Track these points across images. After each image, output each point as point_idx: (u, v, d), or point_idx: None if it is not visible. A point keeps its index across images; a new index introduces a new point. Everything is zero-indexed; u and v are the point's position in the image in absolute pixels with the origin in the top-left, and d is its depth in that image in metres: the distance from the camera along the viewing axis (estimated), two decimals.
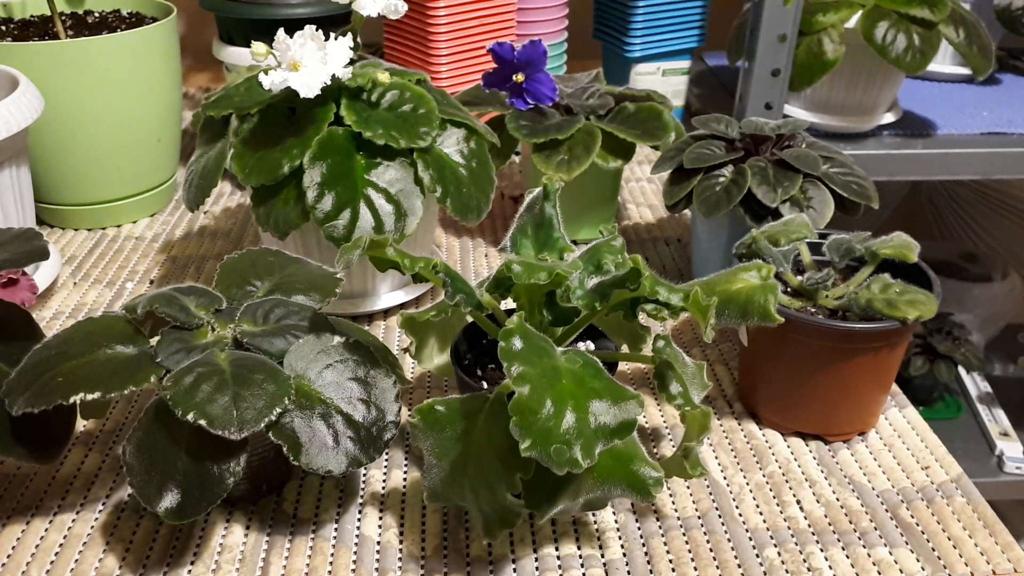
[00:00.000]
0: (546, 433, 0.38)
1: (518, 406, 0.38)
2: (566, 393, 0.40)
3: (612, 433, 0.39)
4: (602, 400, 0.40)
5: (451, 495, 0.44)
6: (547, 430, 0.38)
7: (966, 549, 0.48)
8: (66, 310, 0.69)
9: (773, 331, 0.47)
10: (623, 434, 0.39)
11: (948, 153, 0.96)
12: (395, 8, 0.62)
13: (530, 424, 0.38)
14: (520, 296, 0.47)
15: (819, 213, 0.62)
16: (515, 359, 0.40)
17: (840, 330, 0.50)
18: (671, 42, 1.01)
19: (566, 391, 0.40)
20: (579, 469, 0.38)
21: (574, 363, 0.42)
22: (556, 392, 0.40)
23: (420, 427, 0.44)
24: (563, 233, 0.51)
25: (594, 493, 0.43)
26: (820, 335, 0.51)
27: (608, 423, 0.39)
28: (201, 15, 1.30)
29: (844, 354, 0.52)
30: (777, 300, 0.49)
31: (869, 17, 0.85)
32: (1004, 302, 1.38)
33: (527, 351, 0.41)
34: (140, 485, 0.42)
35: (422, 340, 0.55)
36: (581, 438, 0.38)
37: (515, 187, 0.91)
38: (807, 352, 0.52)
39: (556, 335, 0.49)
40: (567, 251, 0.51)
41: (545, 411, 0.38)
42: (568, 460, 0.38)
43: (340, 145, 0.58)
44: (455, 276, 0.44)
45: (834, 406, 0.54)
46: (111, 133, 0.77)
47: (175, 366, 0.44)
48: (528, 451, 0.37)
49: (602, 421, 0.39)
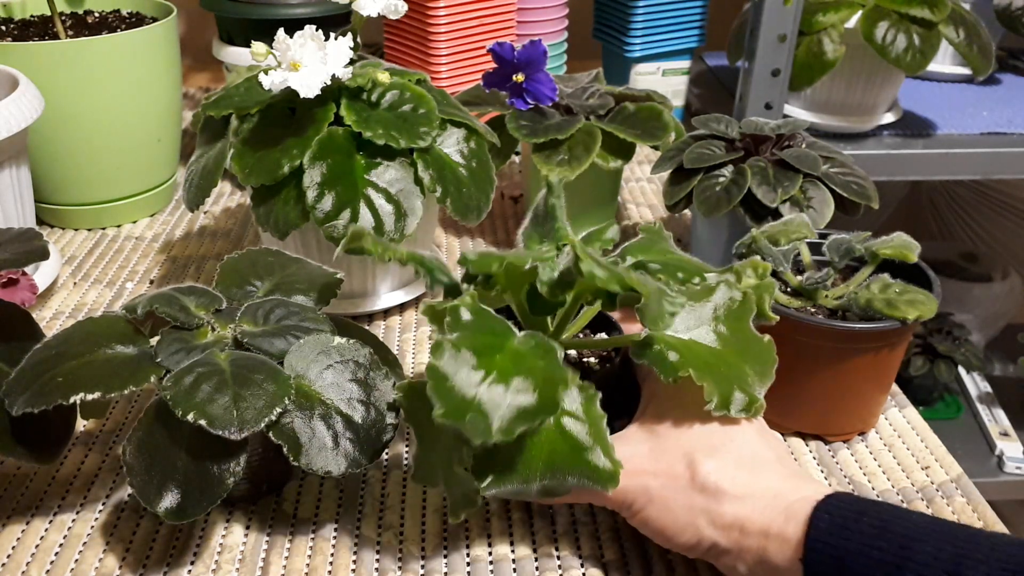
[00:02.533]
0: (463, 403, 0.38)
1: (431, 371, 0.38)
2: (495, 366, 0.39)
3: (534, 412, 0.39)
4: (528, 379, 0.39)
5: (428, 475, 0.45)
6: (463, 400, 0.38)
7: None
8: (66, 310, 0.69)
9: (772, 331, 0.47)
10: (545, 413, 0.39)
11: (948, 153, 0.96)
12: (395, 8, 0.62)
13: (445, 391, 0.38)
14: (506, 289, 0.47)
15: (819, 213, 0.62)
16: (456, 330, 0.40)
17: (840, 330, 0.50)
18: (671, 42, 1.01)
19: (496, 365, 0.39)
20: (491, 440, 0.37)
21: (526, 344, 0.42)
22: (484, 364, 0.39)
23: (404, 405, 0.45)
24: (564, 224, 0.51)
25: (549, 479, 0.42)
26: (820, 335, 0.51)
27: (529, 403, 0.39)
28: (201, 15, 1.29)
29: (844, 354, 0.52)
30: (774, 298, 0.49)
31: (869, 17, 0.85)
32: (1004, 302, 1.38)
33: (472, 326, 0.40)
34: (140, 485, 0.42)
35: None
36: (500, 411, 0.38)
37: (515, 187, 0.91)
38: (807, 352, 0.52)
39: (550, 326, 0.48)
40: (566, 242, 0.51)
41: (463, 379, 0.38)
42: (483, 431, 0.37)
43: (340, 145, 0.58)
44: (431, 267, 0.44)
45: (834, 406, 0.54)
46: (111, 133, 0.77)
47: (175, 366, 0.44)
48: (441, 418, 0.37)
49: (522, 400, 0.39)
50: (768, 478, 0.42)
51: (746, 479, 0.42)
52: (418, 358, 0.64)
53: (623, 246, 0.50)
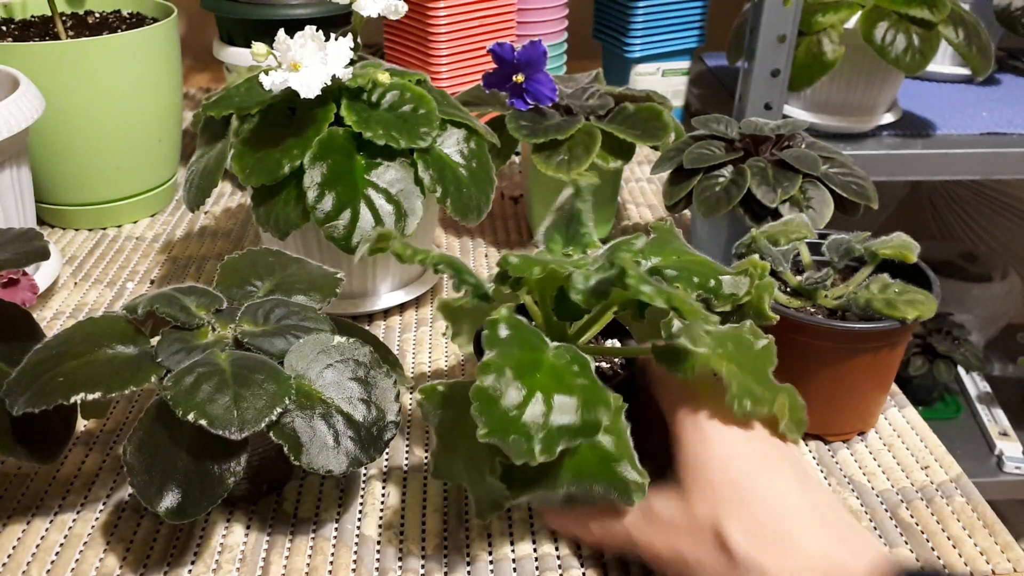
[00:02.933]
0: (507, 422, 0.38)
1: (477, 393, 0.39)
2: (537, 386, 0.40)
3: (576, 432, 0.39)
4: (572, 397, 0.40)
5: (450, 473, 0.46)
6: (508, 419, 0.38)
7: (965, 549, 0.48)
8: (67, 310, 0.69)
9: (772, 331, 0.47)
10: (588, 434, 0.39)
11: (948, 153, 0.96)
12: (395, 8, 0.62)
13: (490, 411, 0.38)
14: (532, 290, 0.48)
15: (819, 213, 0.62)
16: (495, 346, 0.40)
17: (840, 330, 0.50)
18: (671, 42, 1.01)
19: (538, 384, 0.40)
20: (535, 461, 0.38)
21: (561, 359, 0.42)
22: (527, 383, 0.40)
23: (425, 406, 0.46)
24: (591, 229, 0.51)
25: (575, 488, 0.43)
26: (819, 335, 0.51)
27: (573, 422, 0.39)
28: (201, 15, 1.30)
29: (844, 354, 0.52)
30: (772, 298, 0.49)
31: (869, 17, 0.86)
32: (1004, 302, 1.38)
33: (511, 341, 0.41)
34: (141, 485, 0.42)
35: (458, 325, 0.56)
36: (543, 431, 0.38)
37: (515, 187, 0.91)
38: (806, 352, 0.52)
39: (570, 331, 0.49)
40: (592, 247, 0.52)
41: (508, 400, 0.39)
42: (526, 451, 0.38)
43: (340, 145, 0.59)
44: (459, 268, 0.44)
45: (834, 406, 0.54)
46: (112, 133, 0.77)
47: (176, 366, 0.44)
48: (485, 437, 0.38)
49: (566, 419, 0.39)
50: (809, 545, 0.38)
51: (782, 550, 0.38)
52: (418, 358, 0.64)
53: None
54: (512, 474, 0.42)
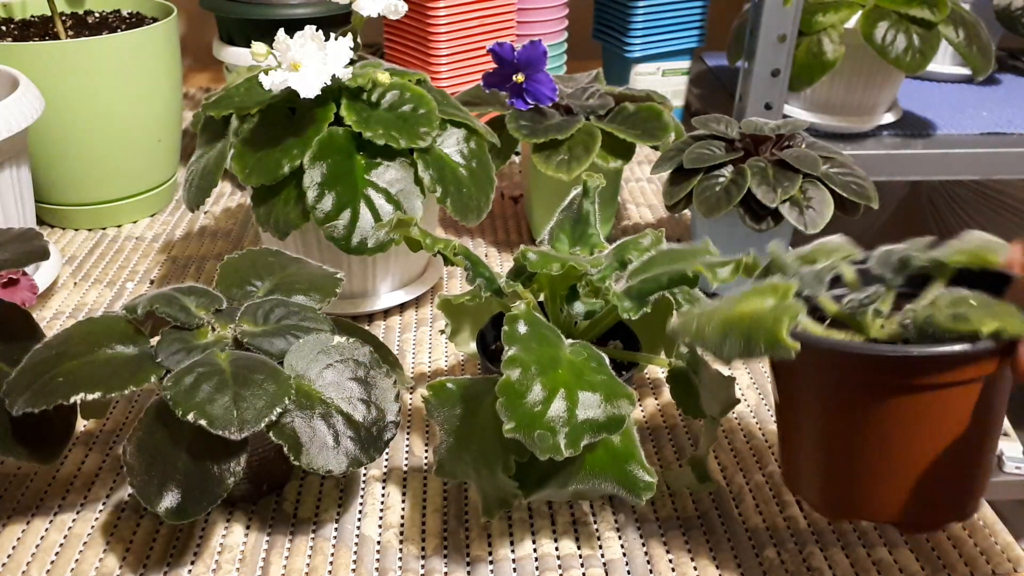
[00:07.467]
0: (532, 418, 0.39)
1: (504, 388, 0.39)
2: (560, 382, 0.40)
3: (600, 427, 0.40)
4: (595, 393, 0.40)
5: (457, 470, 0.46)
6: (533, 415, 0.39)
7: (966, 549, 0.48)
8: (66, 310, 0.69)
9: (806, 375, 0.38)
10: (612, 429, 0.40)
11: (948, 153, 0.96)
12: (395, 8, 0.62)
13: (516, 407, 0.39)
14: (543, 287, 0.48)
15: (819, 213, 0.62)
16: (515, 343, 0.40)
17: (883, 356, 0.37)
18: (671, 42, 1.01)
19: (560, 380, 0.40)
20: (560, 456, 0.38)
21: (579, 355, 0.42)
22: (550, 379, 0.40)
23: (432, 403, 0.46)
24: (598, 230, 0.52)
25: (585, 484, 0.43)
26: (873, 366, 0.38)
27: (597, 417, 0.40)
28: (201, 15, 1.29)
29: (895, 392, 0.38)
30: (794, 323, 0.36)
31: (869, 17, 0.86)
32: None
33: (530, 337, 0.41)
34: (140, 485, 0.42)
35: (458, 324, 0.56)
36: (568, 427, 0.39)
37: (515, 187, 0.91)
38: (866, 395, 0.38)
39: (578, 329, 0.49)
40: (599, 247, 0.52)
41: (533, 396, 0.39)
42: (552, 447, 0.38)
43: (340, 145, 0.58)
44: (476, 260, 0.45)
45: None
46: (111, 133, 0.77)
47: (175, 366, 0.44)
48: (511, 433, 0.38)
49: (591, 414, 0.40)
50: None
51: None
52: (418, 358, 0.64)
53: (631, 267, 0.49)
54: (526, 471, 0.42)
